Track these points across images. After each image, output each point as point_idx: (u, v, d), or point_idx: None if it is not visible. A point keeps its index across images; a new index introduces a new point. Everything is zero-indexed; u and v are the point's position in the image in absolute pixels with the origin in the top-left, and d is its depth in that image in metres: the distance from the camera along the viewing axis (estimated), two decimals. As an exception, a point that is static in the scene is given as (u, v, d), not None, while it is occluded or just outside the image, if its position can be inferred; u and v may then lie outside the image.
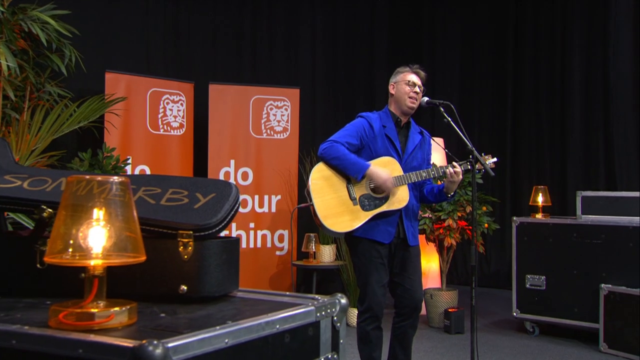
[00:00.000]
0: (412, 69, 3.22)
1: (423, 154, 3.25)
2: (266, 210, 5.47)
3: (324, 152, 3.02)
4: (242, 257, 5.19)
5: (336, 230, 2.98)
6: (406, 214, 3.11)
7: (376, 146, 3.10)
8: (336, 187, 3.01)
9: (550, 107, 6.72)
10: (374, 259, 3.05)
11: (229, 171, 5.36)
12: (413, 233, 3.15)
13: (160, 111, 5.11)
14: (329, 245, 5.39)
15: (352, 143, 3.07)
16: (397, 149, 3.12)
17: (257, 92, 5.50)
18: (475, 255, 2.96)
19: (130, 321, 1.15)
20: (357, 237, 3.05)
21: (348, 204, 2.99)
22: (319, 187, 2.99)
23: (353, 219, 2.99)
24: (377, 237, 3.04)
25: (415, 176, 3.07)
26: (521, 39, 6.98)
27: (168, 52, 5.72)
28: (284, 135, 5.56)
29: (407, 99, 3.13)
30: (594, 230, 4.44)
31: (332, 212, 2.96)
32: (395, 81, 3.21)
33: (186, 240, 1.37)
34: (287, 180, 5.56)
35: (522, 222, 4.82)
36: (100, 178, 1.15)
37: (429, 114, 6.89)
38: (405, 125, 3.22)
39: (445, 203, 4.97)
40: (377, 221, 3.03)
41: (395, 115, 3.19)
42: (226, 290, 1.44)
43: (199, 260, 1.37)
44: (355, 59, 7.02)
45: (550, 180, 6.50)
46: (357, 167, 3.00)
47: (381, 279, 3.06)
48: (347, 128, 3.13)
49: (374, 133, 3.10)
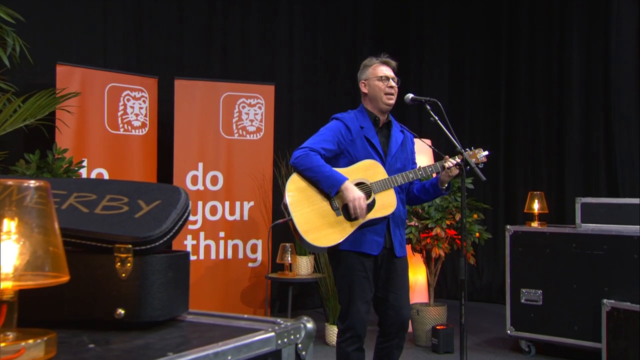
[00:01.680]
0: (379, 60, 3.19)
1: (407, 154, 3.23)
2: (238, 217, 5.46)
3: (296, 161, 2.98)
4: (212, 269, 5.27)
5: (320, 246, 2.93)
6: (393, 221, 3.09)
7: (355, 150, 3.07)
8: (316, 198, 2.96)
9: (547, 106, 6.74)
10: (358, 273, 3.01)
11: (197, 175, 5.34)
12: (401, 242, 3.13)
13: (120, 109, 5.05)
14: (306, 256, 5.38)
15: (328, 149, 3.03)
16: (379, 150, 3.09)
17: (228, 88, 5.48)
18: (465, 268, 2.93)
19: (46, 356, 1.02)
20: (342, 251, 3.01)
21: (330, 215, 2.95)
22: (297, 199, 2.94)
23: (338, 231, 2.94)
24: (365, 249, 3.01)
25: (401, 178, 3.05)
26: (516, 32, 7.01)
27: (129, 44, 5.65)
28: (257, 136, 5.55)
29: (383, 95, 3.11)
30: (594, 241, 4.43)
31: (313, 225, 2.92)
32: (365, 78, 3.19)
33: (124, 256, 1.27)
34: (261, 185, 5.54)
35: (516, 231, 4.81)
36: (11, 182, 1.03)
37: (415, 112, 6.87)
38: (385, 125, 3.20)
39: (432, 210, 4.98)
40: (362, 231, 2.99)
41: (372, 114, 3.16)
42: (172, 314, 1.34)
43: (139, 278, 1.27)
44: (337, 53, 7.05)
45: (547, 186, 6.53)
46: (330, 181, 2.94)
47: (365, 295, 3.03)
48: (322, 132, 3.09)
49: (352, 135, 3.07)
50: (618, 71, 6.18)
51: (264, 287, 5.49)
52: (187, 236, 5.25)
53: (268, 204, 5.56)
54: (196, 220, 5.28)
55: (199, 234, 5.29)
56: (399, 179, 3.04)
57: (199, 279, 5.27)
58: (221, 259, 5.37)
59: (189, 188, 5.25)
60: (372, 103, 3.15)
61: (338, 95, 6.91)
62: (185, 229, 5.21)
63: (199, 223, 5.30)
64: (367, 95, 3.17)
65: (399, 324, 3.09)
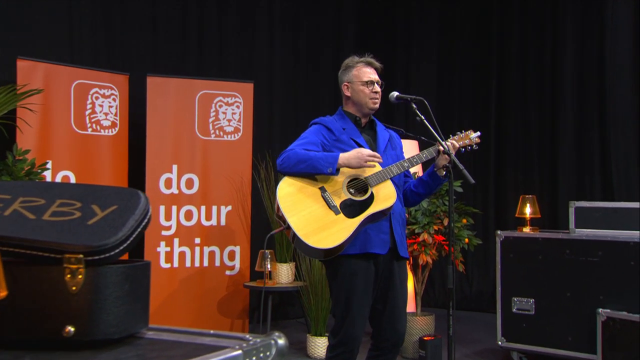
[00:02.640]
0: (363, 61, 3.17)
1: (397, 151, 3.22)
2: (214, 223, 5.42)
3: (283, 162, 2.94)
4: (187, 277, 5.20)
5: (324, 247, 2.82)
6: (394, 218, 3.05)
7: (342, 148, 3.04)
8: (311, 200, 2.92)
9: (539, 106, 6.76)
10: (358, 282, 2.96)
11: (171, 178, 5.30)
12: (403, 243, 3.08)
13: (88, 107, 4.99)
14: (286, 263, 5.36)
15: (312, 151, 3.00)
16: (366, 148, 3.06)
17: (204, 86, 5.45)
18: (453, 276, 2.89)
19: (-22, 381, 0.95)
20: (339, 258, 2.93)
21: (329, 214, 2.89)
22: (291, 203, 2.90)
23: (340, 229, 2.86)
24: (373, 249, 2.95)
25: (396, 168, 3.01)
26: (507, 30, 7.02)
27: (98, 38, 5.59)
28: (235, 137, 5.53)
29: (369, 100, 3.11)
30: (589, 247, 4.43)
31: (313, 227, 2.85)
32: (348, 80, 3.17)
33: (75, 267, 1.21)
34: (239, 188, 5.50)
35: (507, 236, 4.81)
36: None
37: (402, 112, 6.86)
38: (367, 124, 3.20)
39: (420, 215, 4.97)
40: (365, 230, 2.95)
41: (353, 116, 3.16)
42: (129, 330, 1.28)
43: (91, 292, 1.21)
44: (319, 49, 7.03)
45: (540, 189, 6.53)
46: (327, 160, 2.90)
47: (363, 309, 3.00)
48: (304, 136, 3.08)
49: (335, 136, 3.06)
50: (613, 70, 6.20)
51: (242, 296, 5.46)
52: (161, 242, 5.19)
53: (247, 209, 5.53)
54: (170, 225, 5.23)
55: (173, 240, 5.24)
56: (394, 169, 3.00)
57: (173, 288, 5.22)
58: (197, 266, 5.32)
59: (162, 191, 5.21)
60: (355, 106, 3.15)
61: (321, 94, 6.89)
62: (159, 235, 5.17)
63: (173, 229, 5.25)
64: (350, 98, 3.15)
65: (394, 339, 3.06)
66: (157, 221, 5.13)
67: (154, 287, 5.05)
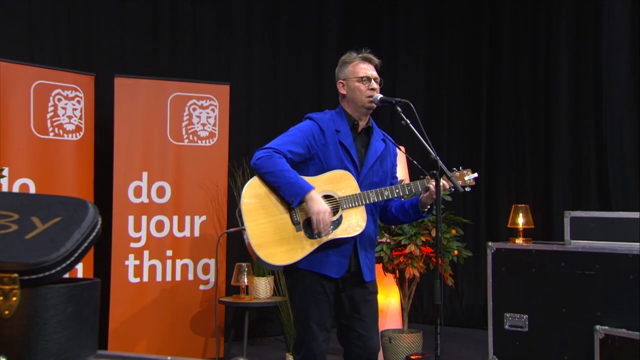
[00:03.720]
0: (360, 56, 3.16)
1: (386, 168, 3.19)
2: (187, 234, 5.39)
3: (258, 162, 2.94)
4: (157, 293, 5.12)
5: (273, 263, 2.90)
6: (361, 242, 3.05)
7: (328, 156, 3.03)
8: (276, 209, 2.93)
9: (532, 110, 6.76)
10: (318, 296, 2.99)
11: (141, 186, 5.24)
12: (369, 266, 3.09)
13: (50, 110, 4.91)
14: (264, 277, 5.33)
15: (296, 152, 2.99)
16: (354, 159, 3.06)
17: (176, 88, 5.40)
18: (441, 292, 2.85)
19: None
20: (299, 270, 2.98)
21: (289, 229, 2.91)
22: (254, 207, 2.91)
23: (295, 248, 2.91)
24: (325, 271, 2.98)
25: (375, 196, 3.01)
26: (499, 29, 7.03)
27: (60, 35, 5.53)
28: (210, 142, 5.50)
29: (365, 99, 3.08)
30: (586, 259, 4.44)
31: (268, 239, 2.89)
32: (344, 77, 3.16)
33: (8, 288, 1.15)
34: (214, 197, 5.47)
35: (499, 248, 4.82)
36: None
37: (387, 115, 6.83)
38: (364, 130, 3.16)
39: (406, 226, 4.96)
40: (326, 251, 2.96)
41: (351, 118, 3.13)
42: (72, 359, 1.22)
43: (27, 317, 1.16)
44: (300, 48, 7.01)
45: (533, 198, 6.52)
46: (294, 189, 2.89)
47: (324, 320, 3.01)
48: (292, 132, 3.06)
49: (325, 140, 3.04)
50: (609, 72, 6.21)
51: (218, 312, 5.40)
52: (129, 255, 5.13)
53: (222, 219, 5.50)
54: (140, 237, 5.18)
55: (142, 253, 5.17)
56: (372, 196, 3.00)
57: (142, 304, 5.15)
58: (168, 281, 5.26)
59: (131, 201, 5.15)
60: (351, 106, 3.13)
61: (302, 96, 6.87)
62: (127, 247, 5.11)
63: (143, 240, 5.19)
64: (346, 97, 3.14)
65: (366, 356, 3.04)
66: (125, 232, 5.08)
67: (121, 304, 5.06)
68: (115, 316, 4.99)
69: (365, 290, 3.07)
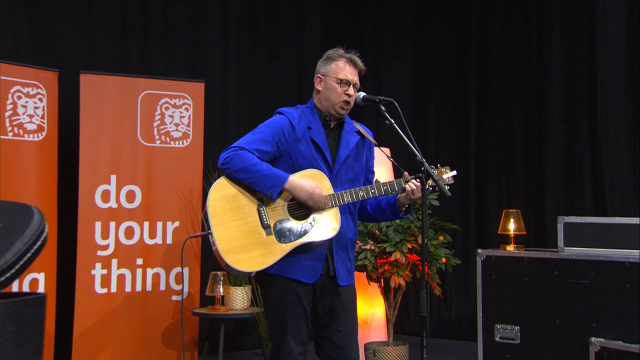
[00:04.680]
0: (347, 57, 3.17)
1: (361, 163, 3.21)
2: (159, 241, 5.35)
3: (225, 162, 2.96)
4: (126, 304, 5.08)
5: (241, 269, 2.91)
6: (337, 243, 3.06)
7: (299, 153, 3.06)
8: (244, 211, 2.96)
9: (524, 111, 6.76)
10: (292, 306, 3.00)
11: (109, 190, 5.19)
12: (348, 268, 3.12)
13: (9, 108, 4.84)
14: (241, 287, 5.36)
15: (264, 150, 3.01)
16: (326, 156, 3.08)
17: (147, 85, 5.37)
18: (427, 303, 2.84)
19: None
20: (270, 275, 3.00)
21: (259, 233, 2.93)
22: (221, 210, 2.93)
23: (265, 253, 2.92)
24: (297, 276, 2.99)
25: (348, 196, 3.02)
26: (488, 25, 7.03)
27: (20, 28, 5.46)
28: (183, 143, 5.48)
29: (339, 102, 3.11)
30: (580, 267, 4.46)
31: (237, 244, 2.90)
32: (323, 73, 3.17)
33: None
34: (188, 202, 5.45)
35: (489, 255, 4.84)
36: None
37: (372, 115, 6.79)
38: (336, 126, 3.19)
39: (391, 232, 5.00)
40: (298, 255, 2.98)
41: (322, 113, 3.16)
42: None
43: None
44: (280, 44, 6.99)
45: (525, 203, 6.54)
46: (271, 181, 2.93)
47: (300, 332, 3.02)
48: (260, 130, 3.08)
49: (296, 136, 3.07)
50: (604, 70, 6.21)
51: (191, 325, 5.41)
52: (96, 264, 5.06)
53: (196, 225, 5.46)
54: (107, 244, 5.12)
55: (110, 261, 5.11)
56: (345, 197, 3.01)
57: (110, 316, 5.08)
58: (138, 291, 5.22)
59: (98, 206, 5.08)
60: (323, 104, 3.16)
61: (282, 95, 6.84)
62: (94, 255, 5.04)
63: (111, 248, 5.13)
64: (320, 93, 3.16)
65: None
66: (92, 240, 5.02)
67: (87, 317, 4.99)
68: (80, 330, 4.91)
69: (343, 299, 3.07)
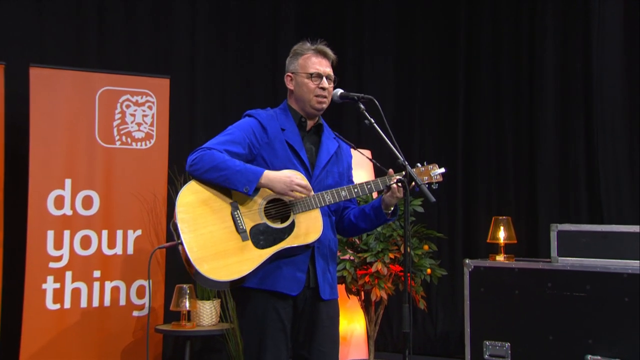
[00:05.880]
0: (314, 49, 3.20)
1: (342, 169, 3.24)
2: (119, 252, 5.35)
3: (193, 163, 2.97)
4: (82, 321, 5.02)
5: (216, 279, 2.88)
6: (320, 252, 3.07)
7: (273, 156, 3.07)
8: (216, 217, 2.95)
9: (515, 112, 6.74)
10: (271, 323, 3.00)
11: (63, 196, 5.15)
12: (330, 282, 3.11)
13: None
14: (210, 301, 5.38)
15: (235, 152, 3.02)
16: (304, 160, 3.09)
17: (106, 81, 5.35)
18: (409, 318, 2.81)
19: None
20: (247, 289, 2.99)
21: (234, 239, 2.92)
22: (191, 216, 2.91)
23: (242, 260, 2.90)
24: (279, 287, 2.98)
25: (330, 196, 3.02)
26: (476, 18, 7.01)
27: None
28: (147, 144, 5.49)
29: (313, 98, 3.13)
30: (575, 279, 4.52)
31: (210, 252, 2.89)
32: (293, 70, 3.20)
33: None
34: (152, 208, 5.46)
35: (477, 266, 4.92)
36: None
37: (352, 115, 6.76)
38: (313, 129, 3.22)
39: (372, 240, 5.01)
40: (278, 263, 2.98)
41: (297, 115, 3.18)
42: None
43: None
44: (253, 38, 6.98)
45: (516, 209, 6.53)
46: (245, 176, 2.92)
47: (279, 354, 3.02)
48: (229, 131, 3.10)
49: (268, 138, 3.08)
50: (601, 68, 6.20)
51: (154, 343, 5.38)
52: (48, 278, 4.99)
53: (161, 233, 5.47)
54: (61, 255, 5.05)
55: (64, 274, 5.05)
56: (327, 198, 3.01)
57: (63, 335, 5.01)
58: (95, 306, 5.18)
59: (51, 213, 5.02)
60: (298, 104, 3.18)
61: (255, 93, 6.84)
62: (45, 268, 4.98)
63: (65, 259, 5.07)
64: (293, 93, 3.19)
65: None
66: (43, 251, 4.96)
67: (36, 335, 4.92)
68: (28, 352, 4.85)
69: (323, 313, 3.07)
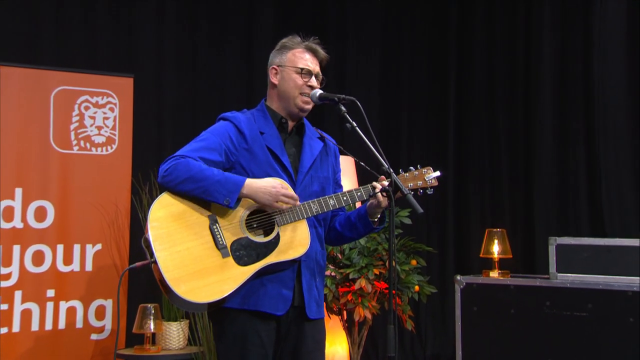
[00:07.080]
0: (306, 44, 3.21)
1: (327, 173, 3.24)
2: (76, 268, 5.32)
3: (166, 174, 2.93)
4: (34, 346, 5.06)
5: (196, 301, 2.86)
6: (307, 266, 3.06)
7: (253, 163, 3.05)
8: (193, 231, 2.92)
9: (510, 115, 6.79)
10: (253, 348, 2.98)
11: (13, 206, 5.13)
12: (316, 298, 3.10)
13: None
14: (177, 322, 5.38)
15: (210, 160, 2.99)
16: (286, 166, 3.07)
17: (63, 80, 5.36)
18: (395, 340, 2.79)
19: None
20: (228, 310, 2.97)
21: (214, 256, 2.90)
22: (165, 232, 2.89)
23: (223, 279, 2.87)
24: (263, 307, 2.97)
25: (317, 206, 3.01)
26: (469, 15, 7.06)
27: None
28: (108, 150, 5.50)
29: (298, 96, 3.12)
30: (576, 297, 4.55)
31: (187, 271, 2.86)
32: (279, 63, 3.19)
33: None
34: (113, 220, 5.45)
35: (469, 283, 4.97)
36: None
37: (335, 119, 6.71)
38: (295, 130, 3.21)
39: (355, 255, 5.01)
40: (261, 280, 2.96)
41: (277, 115, 3.17)
42: None
43: None
44: (225, 36, 6.96)
45: (511, 221, 6.57)
46: (225, 187, 2.89)
47: None
48: (203, 137, 3.07)
49: (247, 143, 3.06)
50: (602, 68, 6.22)
51: None
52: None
53: (123, 248, 5.47)
54: (10, 273, 5.01)
55: (13, 293, 5.00)
56: (314, 207, 2.99)
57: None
58: (48, 329, 5.14)
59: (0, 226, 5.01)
60: (280, 101, 3.17)
61: (228, 94, 6.82)
62: None
63: (15, 277, 5.03)
64: (277, 88, 3.18)
65: None
66: None
67: None
68: (-28, 381, 4.84)
69: (310, 337, 3.06)
